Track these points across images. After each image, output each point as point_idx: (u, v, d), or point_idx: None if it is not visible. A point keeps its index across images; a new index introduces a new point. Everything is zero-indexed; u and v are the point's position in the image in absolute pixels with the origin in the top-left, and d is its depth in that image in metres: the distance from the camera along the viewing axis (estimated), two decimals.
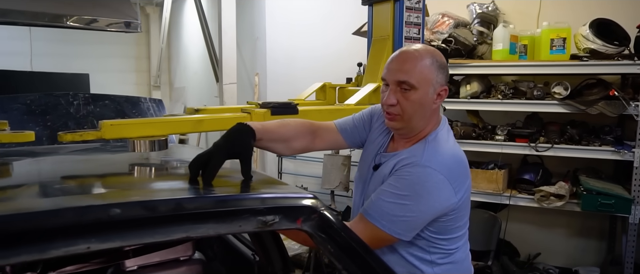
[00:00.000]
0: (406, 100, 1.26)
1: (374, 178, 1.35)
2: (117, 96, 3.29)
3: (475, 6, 3.48)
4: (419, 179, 1.20)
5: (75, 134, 1.33)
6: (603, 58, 2.88)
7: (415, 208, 1.19)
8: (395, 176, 1.24)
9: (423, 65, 1.25)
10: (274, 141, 1.31)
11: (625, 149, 2.85)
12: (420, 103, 1.26)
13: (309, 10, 4.50)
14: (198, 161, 1.09)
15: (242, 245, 1.89)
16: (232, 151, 1.14)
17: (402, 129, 1.32)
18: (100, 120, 2.51)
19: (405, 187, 1.20)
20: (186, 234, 0.92)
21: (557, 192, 2.92)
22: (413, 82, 1.24)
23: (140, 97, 3.40)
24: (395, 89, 1.27)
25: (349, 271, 0.97)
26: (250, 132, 1.21)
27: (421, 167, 1.21)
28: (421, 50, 1.29)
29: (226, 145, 1.14)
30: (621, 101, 2.80)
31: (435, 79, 1.26)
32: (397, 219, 1.20)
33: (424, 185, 1.20)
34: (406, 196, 1.19)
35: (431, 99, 1.27)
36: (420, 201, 1.20)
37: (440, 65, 1.28)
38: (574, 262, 3.42)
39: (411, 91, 1.25)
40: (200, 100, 6.50)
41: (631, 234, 2.87)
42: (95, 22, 3.98)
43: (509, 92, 3.11)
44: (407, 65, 1.25)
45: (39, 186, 1.02)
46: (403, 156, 1.29)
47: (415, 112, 1.27)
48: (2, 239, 0.75)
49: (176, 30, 7.58)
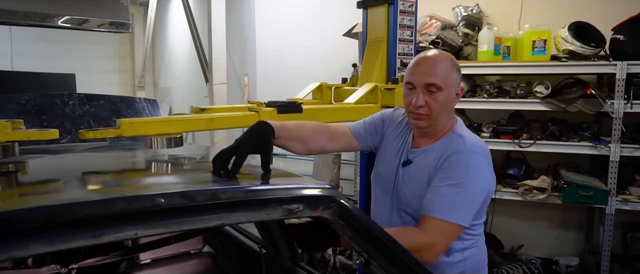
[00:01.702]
0: (434, 101, 1.38)
1: (406, 174, 1.46)
2: (112, 96, 3.31)
3: (461, 9, 3.62)
4: (469, 163, 1.33)
5: (96, 132, 1.39)
6: (581, 59, 3.05)
7: (472, 191, 1.32)
8: (445, 169, 1.34)
9: (446, 68, 1.38)
10: (292, 139, 1.41)
11: (602, 145, 3.03)
12: (445, 102, 1.39)
13: (299, 11, 4.58)
14: (223, 156, 1.18)
15: (248, 239, 1.97)
16: (254, 147, 1.23)
17: (428, 128, 1.43)
18: (96, 120, 2.55)
19: (459, 175, 1.32)
20: (221, 222, 1.00)
21: (540, 186, 3.08)
22: (440, 84, 1.37)
23: (135, 98, 3.43)
24: (423, 91, 1.38)
25: (368, 253, 1.07)
26: (270, 130, 1.31)
27: (467, 153, 1.34)
28: (441, 55, 1.42)
29: (249, 141, 1.24)
30: (598, 99, 2.98)
31: (455, 80, 1.41)
32: (460, 207, 1.30)
33: (475, 168, 1.33)
34: (462, 183, 1.31)
35: (452, 98, 1.41)
36: (474, 184, 1.32)
37: (457, 68, 1.42)
38: (554, 252, 3.60)
39: (438, 92, 1.37)
40: (187, 100, 6.50)
41: (608, 225, 3.05)
42: (87, 22, 3.98)
43: (494, 92, 3.27)
44: (433, 69, 1.37)
45: (78, 179, 1.08)
46: (438, 148, 1.41)
47: (441, 111, 1.39)
48: (61, 226, 0.82)
49: (161, 30, 7.55)
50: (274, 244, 1.74)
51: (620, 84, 2.93)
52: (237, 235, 1.99)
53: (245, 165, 1.30)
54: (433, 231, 1.26)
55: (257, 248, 1.87)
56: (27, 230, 0.80)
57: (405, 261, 1.04)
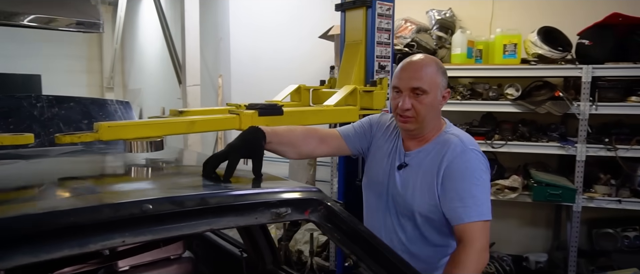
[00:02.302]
0: (420, 103, 1.41)
1: (403, 177, 1.48)
2: (83, 98, 3.21)
3: (434, 12, 3.70)
4: (477, 160, 1.40)
5: (73, 136, 1.35)
6: (549, 62, 3.17)
7: (487, 184, 1.40)
8: (461, 171, 1.37)
9: (431, 72, 1.42)
10: (283, 144, 1.43)
11: (569, 145, 3.15)
12: (431, 105, 1.43)
13: (274, 12, 4.56)
14: (214, 160, 1.19)
15: (228, 244, 1.95)
16: (246, 152, 1.25)
17: (415, 130, 1.47)
18: (67, 123, 2.47)
19: (474, 174, 1.37)
20: (210, 227, 1.00)
21: (511, 185, 3.18)
22: (425, 88, 1.40)
23: (107, 100, 3.34)
24: (410, 95, 1.42)
25: (356, 254, 1.08)
26: (262, 135, 1.33)
27: (470, 152, 1.40)
28: (426, 59, 1.46)
29: (241, 145, 1.25)
30: (565, 101, 3.10)
31: (441, 83, 1.44)
32: (484, 203, 1.36)
33: (482, 163, 1.40)
34: (478, 180, 1.37)
35: (439, 100, 1.45)
36: (486, 177, 1.41)
37: (443, 71, 1.46)
38: (524, 249, 3.72)
39: (423, 95, 1.41)
40: (159, 102, 6.38)
41: (575, 222, 3.18)
42: (55, 21, 3.85)
43: (467, 94, 3.35)
44: (418, 73, 1.41)
45: (59, 186, 1.05)
46: (433, 148, 1.45)
47: (428, 113, 1.43)
48: (46, 235, 0.79)
49: (131, 30, 7.38)
50: (256, 248, 1.73)
51: (586, 86, 3.06)
52: (217, 239, 1.97)
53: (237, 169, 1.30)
54: (473, 235, 1.30)
55: (237, 252, 1.86)
56: (10, 240, 0.77)
57: (393, 262, 1.06)
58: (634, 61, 3.02)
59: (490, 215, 1.36)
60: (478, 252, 1.30)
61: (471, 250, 1.29)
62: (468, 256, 1.28)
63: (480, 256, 1.30)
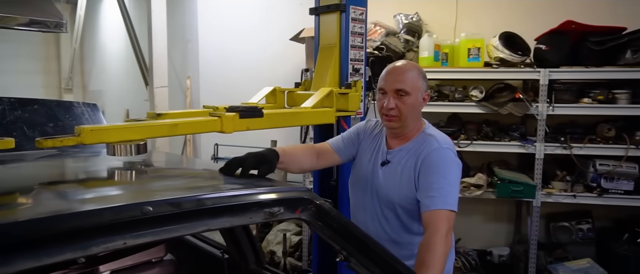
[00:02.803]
0: (403, 104, 1.57)
1: (386, 173, 1.64)
2: (48, 100, 3.10)
3: (402, 16, 3.81)
4: (448, 158, 1.54)
5: (55, 140, 1.32)
6: (510, 66, 3.34)
7: (455, 180, 1.54)
8: (431, 165, 1.52)
9: (413, 75, 1.59)
10: (291, 162, 1.63)
11: (529, 144, 3.34)
12: (413, 105, 1.58)
13: (244, 13, 4.55)
14: (232, 164, 1.35)
15: (209, 246, 1.96)
16: (261, 160, 1.41)
17: (399, 129, 1.62)
18: (31, 126, 2.41)
19: (445, 168, 1.51)
20: (207, 227, 1.02)
21: (477, 183, 3.33)
22: (408, 89, 1.57)
23: (73, 102, 3.24)
24: (394, 96, 1.57)
25: (346, 250, 1.13)
26: (276, 154, 1.54)
27: (443, 150, 1.55)
28: (408, 64, 1.63)
29: (258, 154, 1.44)
30: (525, 102, 3.28)
31: (421, 86, 1.60)
32: (450, 195, 1.48)
33: (452, 162, 1.54)
34: (448, 174, 1.50)
35: (419, 102, 1.61)
36: (457, 174, 1.55)
37: (423, 75, 1.61)
38: (488, 244, 3.90)
39: (406, 96, 1.57)
40: (123, 104, 6.22)
41: (534, 216, 3.37)
42: (13, 20, 3.70)
43: (434, 95, 3.48)
44: (402, 76, 1.58)
45: (51, 191, 1.04)
46: (412, 147, 1.60)
47: (410, 113, 1.59)
48: (49, 239, 0.80)
49: (91, 30, 7.14)
50: (238, 248, 1.75)
51: (544, 89, 3.25)
52: (197, 242, 1.97)
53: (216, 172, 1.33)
54: (438, 222, 1.42)
55: (218, 253, 1.87)
56: (13, 245, 0.77)
57: (381, 256, 1.12)
58: (586, 65, 3.24)
59: (455, 207, 1.49)
60: (443, 236, 1.41)
61: (436, 235, 1.40)
62: (435, 241, 1.40)
63: (445, 240, 1.41)
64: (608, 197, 3.28)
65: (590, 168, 3.32)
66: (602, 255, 3.52)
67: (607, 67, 3.22)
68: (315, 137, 2.62)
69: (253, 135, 3.36)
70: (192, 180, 1.36)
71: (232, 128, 1.78)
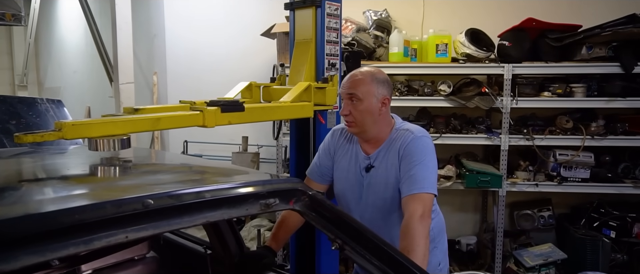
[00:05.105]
0: (355, 109, 1.64)
1: (372, 177, 1.68)
2: (8, 96, 2.97)
3: (371, 13, 3.88)
4: (424, 144, 1.62)
5: (36, 135, 1.29)
6: (476, 61, 3.48)
7: (431, 164, 1.60)
8: (408, 155, 1.61)
9: (365, 82, 1.64)
10: (287, 234, 1.81)
11: (494, 136, 3.49)
12: (367, 110, 1.63)
13: (211, 7, 4.49)
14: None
15: (190, 242, 1.94)
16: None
17: (360, 133, 1.69)
18: None
19: (420, 154, 1.59)
20: (206, 219, 1.03)
21: (446, 174, 3.45)
22: (359, 95, 1.63)
23: (36, 98, 3.11)
24: (348, 102, 1.65)
25: (340, 239, 1.16)
26: (273, 253, 1.70)
27: (418, 138, 1.62)
28: (364, 71, 1.70)
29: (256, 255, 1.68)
30: (490, 96, 3.42)
31: (376, 91, 1.64)
32: (427, 178, 1.55)
33: (428, 147, 1.62)
34: (424, 159, 1.58)
35: (376, 107, 1.64)
36: (432, 158, 1.62)
37: (379, 81, 1.65)
38: (456, 234, 4.04)
39: (358, 102, 1.63)
40: (84, 101, 5.99)
41: (500, 205, 3.53)
42: None
43: (404, 90, 3.57)
44: (354, 83, 1.65)
45: (42, 186, 1.01)
46: (390, 144, 1.66)
47: (365, 118, 1.64)
48: (52, 234, 0.79)
49: (47, 24, 6.82)
50: (222, 243, 1.74)
51: (508, 83, 3.40)
52: (179, 239, 1.95)
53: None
54: (413, 204, 1.49)
55: (201, 249, 1.86)
56: (16, 240, 0.75)
57: (376, 243, 1.16)
58: (546, 61, 3.42)
59: (432, 189, 1.56)
60: (418, 218, 1.48)
61: (412, 219, 1.48)
62: (411, 225, 1.47)
63: (421, 221, 1.48)
64: (567, 185, 3.48)
65: (551, 158, 3.51)
66: (561, 240, 3.74)
67: (565, 62, 3.41)
68: (292, 131, 2.63)
69: (223, 131, 3.35)
70: (183, 174, 1.35)
71: (214, 122, 1.77)
